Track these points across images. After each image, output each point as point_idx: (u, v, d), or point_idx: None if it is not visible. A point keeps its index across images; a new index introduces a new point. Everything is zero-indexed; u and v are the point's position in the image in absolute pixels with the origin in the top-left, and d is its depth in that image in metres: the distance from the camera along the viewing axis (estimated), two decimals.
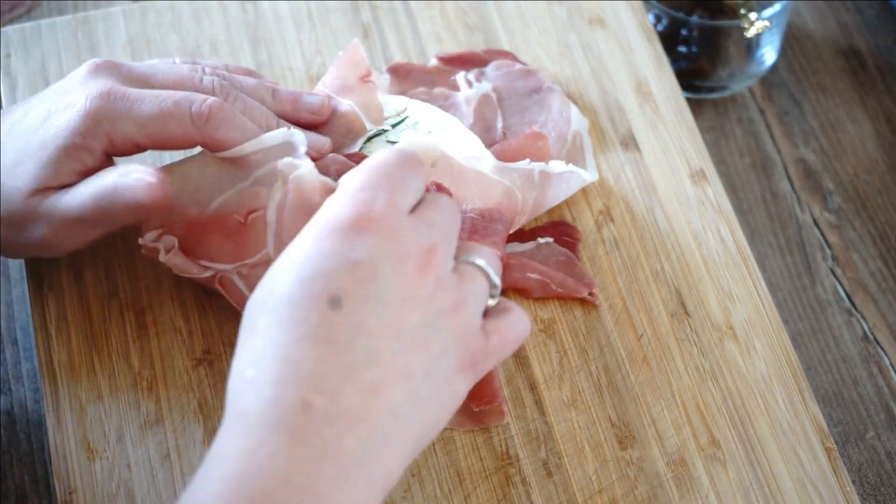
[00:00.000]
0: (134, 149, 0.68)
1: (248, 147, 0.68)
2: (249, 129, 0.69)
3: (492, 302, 0.61)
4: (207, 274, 0.69)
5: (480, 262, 0.60)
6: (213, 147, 0.68)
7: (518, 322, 0.61)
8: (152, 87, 0.69)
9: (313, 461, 0.53)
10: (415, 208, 0.59)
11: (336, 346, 0.54)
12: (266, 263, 0.67)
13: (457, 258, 0.60)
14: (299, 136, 0.69)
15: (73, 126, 0.67)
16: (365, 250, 0.56)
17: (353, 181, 0.59)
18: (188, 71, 0.71)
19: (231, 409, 0.55)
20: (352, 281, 0.55)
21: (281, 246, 0.66)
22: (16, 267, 0.84)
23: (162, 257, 0.69)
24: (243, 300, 0.69)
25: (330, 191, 0.66)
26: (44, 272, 0.74)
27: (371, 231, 0.56)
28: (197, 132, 0.67)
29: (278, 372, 0.54)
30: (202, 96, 0.68)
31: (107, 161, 0.69)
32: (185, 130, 0.67)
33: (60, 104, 0.68)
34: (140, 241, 0.70)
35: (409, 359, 0.56)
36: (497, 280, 0.60)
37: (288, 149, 0.68)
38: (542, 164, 0.75)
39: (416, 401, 0.56)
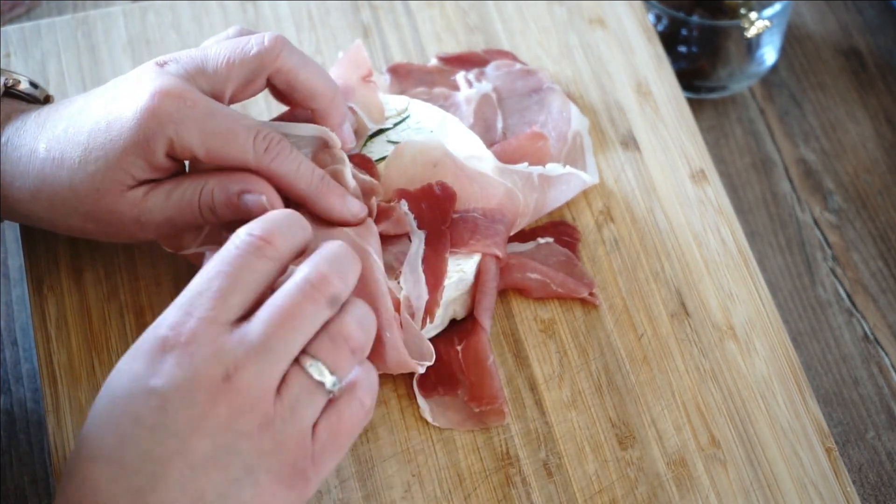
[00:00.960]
0: (190, 158, 0.67)
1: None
2: (304, 165, 0.67)
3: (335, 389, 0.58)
4: None
5: (308, 363, 0.57)
6: (266, 176, 0.67)
7: (349, 410, 0.58)
8: (209, 74, 0.68)
9: None
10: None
11: (125, 469, 0.54)
12: None
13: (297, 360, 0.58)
14: (333, 135, 0.69)
15: (137, 122, 0.65)
16: (160, 378, 0.55)
17: (186, 291, 0.58)
18: (231, 44, 0.69)
19: None
20: (145, 409, 0.55)
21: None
22: (16, 267, 0.84)
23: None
24: None
25: (363, 186, 0.69)
26: (44, 272, 0.74)
27: (172, 355, 0.55)
28: (255, 160, 0.66)
29: (75, 488, 0.55)
30: (267, 130, 0.67)
31: (170, 162, 0.67)
32: (245, 155, 0.66)
33: (122, 93, 0.66)
34: None
35: (201, 484, 0.55)
36: (329, 379, 0.57)
37: (320, 143, 0.69)
38: (541, 167, 0.75)
39: None
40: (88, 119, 0.66)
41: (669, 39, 0.90)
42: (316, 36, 0.84)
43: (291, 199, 0.68)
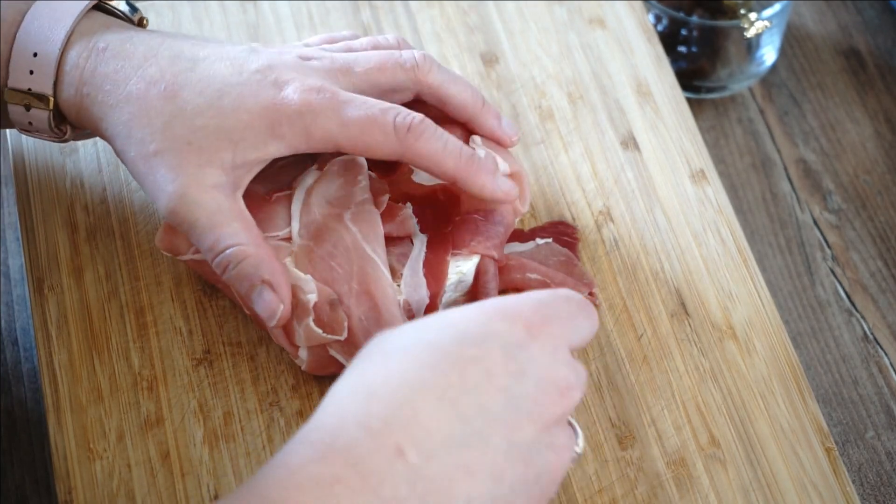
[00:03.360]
0: (332, 148, 0.67)
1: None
2: (451, 143, 0.68)
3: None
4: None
5: (579, 429, 0.60)
6: (411, 160, 0.67)
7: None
8: (356, 74, 0.69)
9: None
10: None
11: (456, 414, 0.54)
12: (286, 240, 0.68)
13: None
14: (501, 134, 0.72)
15: (276, 112, 0.65)
16: (527, 351, 0.56)
17: (539, 294, 0.59)
18: (384, 53, 0.70)
19: (323, 416, 0.54)
20: (502, 369, 0.55)
21: (308, 227, 0.67)
22: (16, 267, 0.84)
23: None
24: None
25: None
26: (44, 272, 0.74)
27: (538, 340, 0.57)
28: (398, 142, 0.66)
29: (392, 410, 0.54)
30: (407, 111, 0.67)
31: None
32: (387, 139, 0.66)
33: (264, 78, 0.66)
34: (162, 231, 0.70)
35: (506, 466, 0.55)
36: (580, 450, 0.60)
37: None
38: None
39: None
40: (215, 95, 0.66)
41: (669, 39, 0.90)
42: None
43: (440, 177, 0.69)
